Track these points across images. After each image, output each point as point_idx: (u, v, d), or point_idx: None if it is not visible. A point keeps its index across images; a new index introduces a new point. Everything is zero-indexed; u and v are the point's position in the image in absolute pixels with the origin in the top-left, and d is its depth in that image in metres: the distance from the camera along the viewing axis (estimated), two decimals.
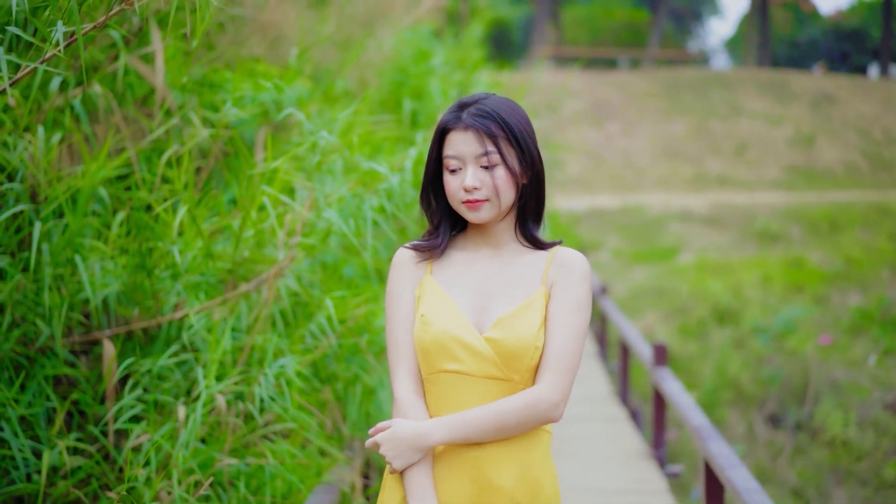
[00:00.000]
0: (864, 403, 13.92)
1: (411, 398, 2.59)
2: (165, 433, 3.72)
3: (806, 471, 13.24)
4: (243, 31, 6.35)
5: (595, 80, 29.36)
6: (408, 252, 2.71)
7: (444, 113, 2.71)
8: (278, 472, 3.88)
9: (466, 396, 2.55)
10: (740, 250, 18.33)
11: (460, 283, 2.63)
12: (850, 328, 15.48)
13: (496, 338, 2.54)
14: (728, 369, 14.32)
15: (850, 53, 40.02)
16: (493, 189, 2.57)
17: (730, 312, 15.65)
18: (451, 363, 2.56)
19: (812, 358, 14.52)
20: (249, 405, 3.88)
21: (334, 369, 4.56)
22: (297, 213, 4.15)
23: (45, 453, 3.72)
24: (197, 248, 4.07)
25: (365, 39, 7.61)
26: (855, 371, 14.50)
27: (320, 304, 4.43)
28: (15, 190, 4.06)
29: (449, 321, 2.57)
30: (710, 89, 28.28)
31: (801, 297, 16.20)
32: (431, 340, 2.56)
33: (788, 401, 14.09)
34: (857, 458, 13.33)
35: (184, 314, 4.06)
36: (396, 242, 5.39)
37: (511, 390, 2.55)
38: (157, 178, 4.32)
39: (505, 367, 2.54)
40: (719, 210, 20.32)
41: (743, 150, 24.47)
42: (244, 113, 4.71)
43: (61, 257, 4.02)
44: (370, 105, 6.35)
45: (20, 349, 4.03)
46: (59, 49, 3.08)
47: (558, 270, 2.62)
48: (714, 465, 4.85)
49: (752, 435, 13.75)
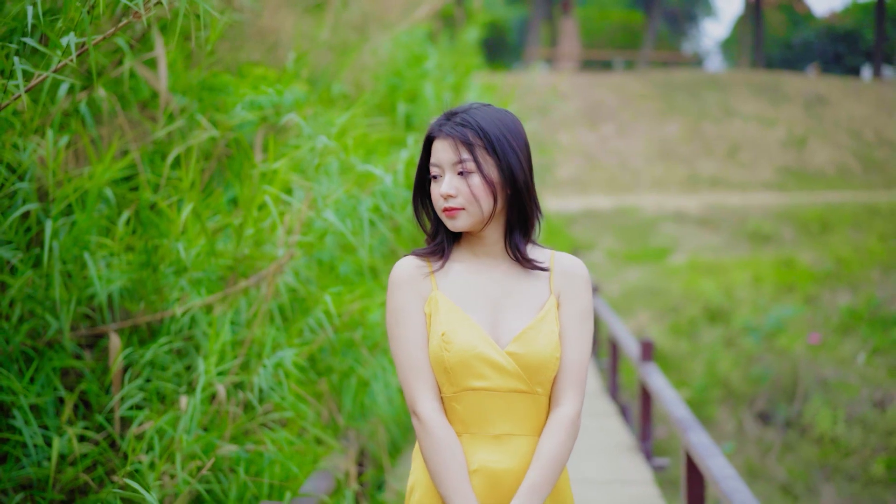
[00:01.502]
0: (853, 401, 14.08)
1: (439, 417, 2.56)
2: (169, 420, 3.91)
3: (795, 467, 13.43)
4: (241, 36, 6.53)
5: (590, 82, 29.53)
6: (411, 264, 2.66)
7: (432, 122, 2.72)
8: (276, 458, 4.07)
9: (493, 412, 2.57)
10: (732, 250, 18.49)
11: (470, 297, 2.62)
12: (840, 327, 15.61)
13: (518, 352, 2.56)
14: (719, 368, 14.49)
15: (844, 55, 40.17)
16: (469, 197, 2.56)
17: (721, 312, 15.81)
18: (477, 380, 2.55)
19: (801, 356, 14.68)
20: (249, 394, 4.07)
21: (330, 362, 4.76)
22: (297, 211, 4.34)
23: (55, 440, 3.90)
24: (200, 245, 4.26)
25: (360, 44, 7.80)
26: (844, 369, 14.66)
27: (317, 299, 4.62)
28: (24, 190, 4.25)
29: (471, 338, 2.56)
30: (704, 91, 28.45)
31: (792, 297, 16.35)
32: (456, 359, 2.55)
33: (778, 398, 14.26)
34: (845, 454, 13.51)
35: (186, 308, 4.24)
36: (391, 241, 5.59)
37: (535, 402, 2.58)
38: (162, 178, 4.51)
39: (529, 381, 2.57)
40: (712, 211, 20.47)
41: (736, 151, 24.64)
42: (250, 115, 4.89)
43: (69, 254, 4.21)
44: (365, 108, 6.53)
45: (30, 342, 4.21)
46: (72, 58, 3.28)
47: (563, 279, 2.65)
48: (694, 455, 5.04)
49: (742, 432, 13.93)
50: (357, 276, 5.41)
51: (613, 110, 27.26)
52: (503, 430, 2.57)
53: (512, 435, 2.57)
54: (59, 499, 3.95)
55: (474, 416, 2.57)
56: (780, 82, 29.22)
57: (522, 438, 2.58)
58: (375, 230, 5.07)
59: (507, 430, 2.57)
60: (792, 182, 23.05)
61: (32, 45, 3.26)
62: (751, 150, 24.62)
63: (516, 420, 2.57)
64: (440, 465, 2.53)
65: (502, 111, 2.65)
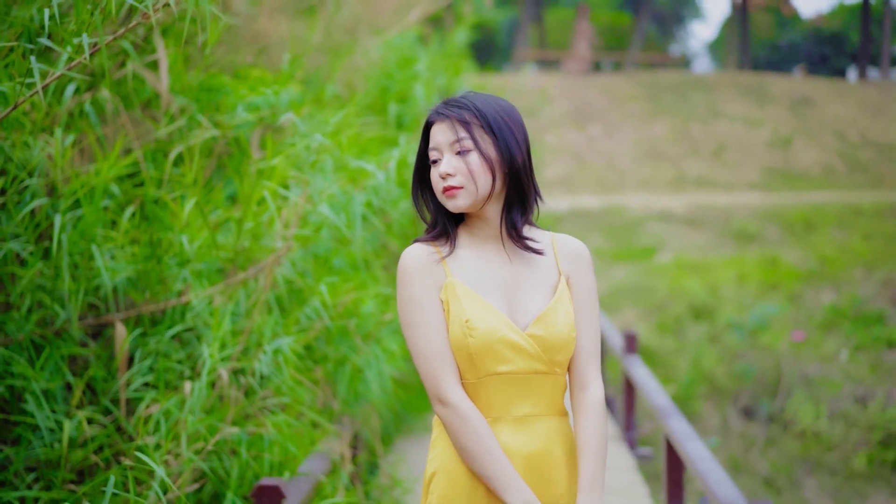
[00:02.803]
0: (835, 397, 14.29)
1: (467, 403, 2.57)
2: (174, 403, 4.13)
3: (778, 461, 13.67)
4: (237, 39, 6.75)
5: (578, 83, 29.75)
6: (422, 252, 2.65)
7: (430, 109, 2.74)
8: (276, 440, 4.29)
9: (516, 395, 2.59)
10: (718, 249, 18.69)
11: (483, 282, 2.62)
12: (823, 325, 15.76)
13: (539, 334, 2.58)
14: (703, 364, 14.69)
15: (830, 57, 40.41)
16: (467, 175, 2.57)
17: (706, 309, 16.00)
18: (502, 365, 2.57)
19: (785, 353, 14.91)
20: (250, 378, 4.29)
21: (325, 351, 4.99)
22: (294, 205, 4.57)
23: (66, 423, 4.11)
24: (203, 238, 4.48)
25: (352, 46, 8.02)
26: (827, 366, 14.87)
27: (313, 290, 4.85)
28: (32, 186, 4.45)
29: (494, 323, 2.57)
30: (691, 92, 28.68)
31: (776, 295, 16.54)
32: (480, 345, 2.55)
33: (761, 394, 14.48)
34: (827, 448, 13.75)
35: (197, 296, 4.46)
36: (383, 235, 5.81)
37: (554, 382, 2.62)
38: (165, 175, 4.73)
39: (549, 361, 2.60)
40: (698, 210, 20.67)
41: (722, 152, 24.87)
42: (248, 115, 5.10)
43: (76, 247, 4.41)
44: (358, 108, 6.76)
45: (39, 331, 4.42)
46: (85, 56, 3.50)
47: (570, 261, 2.69)
48: (673, 440, 5.28)
49: (727, 427, 14.17)
50: (351, 269, 5.63)
51: (601, 111, 27.47)
52: (525, 411, 2.60)
53: (534, 416, 2.60)
54: (70, 478, 4.16)
55: (497, 401, 2.59)
56: (766, 84, 29.45)
57: (544, 419, 2.61)
58: (368, 224, 5.29)
59: (529, 412, 2.60)
60: (777, 182, 23.28)
61: (49, 45, 3.46)
62: (737, 151, 24.85)
63: (537, 401, 2.60)
64: (479, 448, 2.53)
65: (498, 97, 2.68)
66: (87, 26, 3.57)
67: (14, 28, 4.29)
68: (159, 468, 3.48)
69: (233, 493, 4.09)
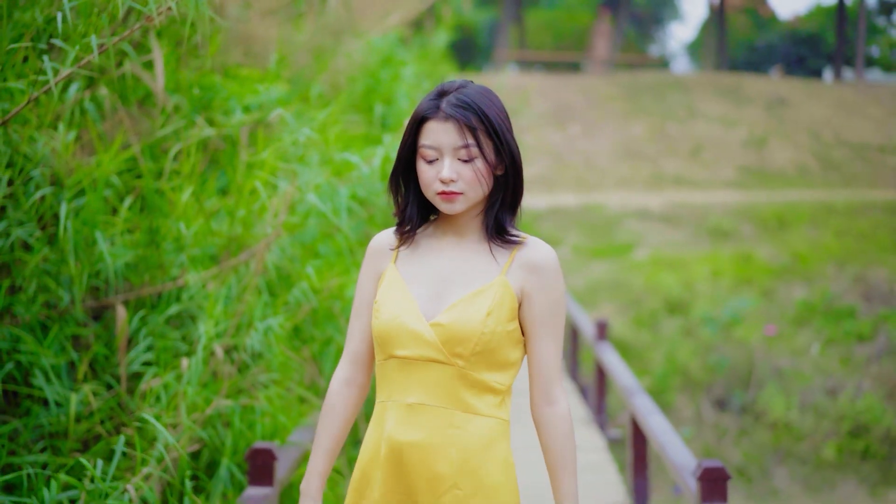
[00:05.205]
0: (806, 389, 14.62)
1: (336, 384, 2.72)
2: (173, 376, 4.46)
3: (750, 451, 14.03)
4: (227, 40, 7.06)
5: (557, 83, 30.04)
6: (384, 239, 2.72)
7: (422, 100, 2.64)
8: (267, 411, 4.62)
9: (412, 381, 2.58)
10: (693, 246, 18.93)
11: (422, 271, 2.63)
12: (795, 319, 16.05)
13: (443, 322, 2.54)
14: (678, 357, 15.01)
15: (807, 57, 40.82)
16: (469, 182, 2.55)
17: (681, 304, 16.24)
18: (399, 349, 2.58)
19: (757, 346, 15.23)
20: (243, 354, 4.62)
21: (312, 332, 5.33)
22: (283, 194, 4.91)
23: (72, 396, 4.43)
24: (199, 224, 4.81)
25: (336, 48, 8.35)
26: (798, 359, 15.19)
27: (300, 275, 5.19)
28: (37, 178, 4.76)
29: (397, 308, 2.58)
30: (669, 93, 29.01)
31: (750, 290, 16.78)
32: (382, 327, 2.59)
33: (734, 386, 14.79)
34: (797, 439, 14.09)
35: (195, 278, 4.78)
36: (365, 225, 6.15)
37: (455, 374, 2.55)
38: (165, 167, 5.06)
39: (448, 352, 2.54)
40: (675, 208, 20.92)
41: (699, 151, 25.20)
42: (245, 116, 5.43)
43: (79, 234, 4.72)
44: (343, 106, 7.08)
45: (45, 312, 4.73)
46: (94, 56, 3.83)
47: (527, 270, 2.60)
48: (636, 415, 5.65)
49: (700, 418, 14.51)
50: (335, 256, 5.97)
51: (580, 111, 27.78)
52: (417, 398, 2.57)
53: (424, 406, 2.56)
54: (76, 447, 4.48)
55: (393, 385, 2.60)
56: (743, 84, 29.79)
57: (435, 409, 2.56)
58: (353, 214, 5.63)
59: (421, 400, 2.56)
60: (752, 181, 23.60)
61: (60, 45, 3.78)
62: (713, 150, 25.17)
63: (431, 391, 2.56)
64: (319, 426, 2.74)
65: (488, 89, 2.63)
66: (96, 28, 3.90)
67: (18, 29, 4.59)
68: (164, 430, 3.80)
69: (228, 460, 4.43)
